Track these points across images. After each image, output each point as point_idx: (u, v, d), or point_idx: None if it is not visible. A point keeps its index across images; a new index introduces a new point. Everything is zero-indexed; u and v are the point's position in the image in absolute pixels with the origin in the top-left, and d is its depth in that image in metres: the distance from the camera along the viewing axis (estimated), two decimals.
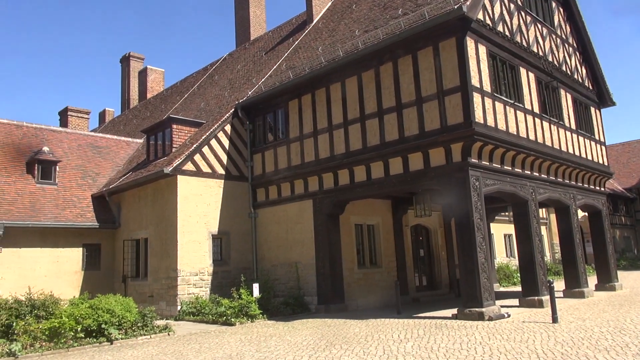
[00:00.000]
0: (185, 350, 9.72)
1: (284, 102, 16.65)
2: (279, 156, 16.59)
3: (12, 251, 16.52)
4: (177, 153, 16.76)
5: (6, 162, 18.14)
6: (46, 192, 18.04)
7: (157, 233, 16.56)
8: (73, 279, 17.68)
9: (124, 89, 35.88)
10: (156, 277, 16.31)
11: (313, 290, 15.15)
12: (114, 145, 22.26)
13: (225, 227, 16.62)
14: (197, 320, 14.31)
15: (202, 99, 23.18)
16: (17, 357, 9.68)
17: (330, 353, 8.49)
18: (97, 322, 11.18)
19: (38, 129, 20.53)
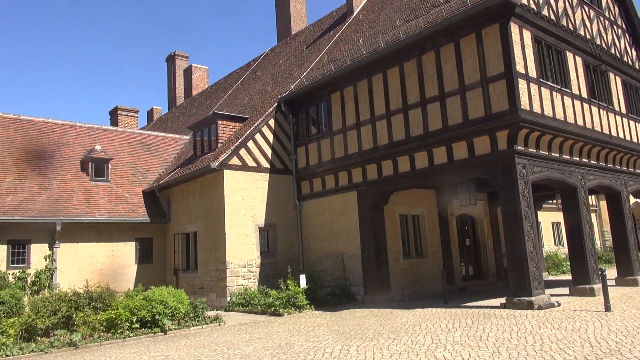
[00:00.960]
0: (236, 340, 10.02)
1: (326, 95, 16.73)
2: (323, 149, 16.71)
3: (70, 246, 17.42)
4: (223, 148, 17.17)
5: (62, 161, 19.09)
6: (100, 189, 18.87)
7: (205, 226, 17.05)
8: (127, 272, 18.46)
9: (171, 87, 36.91)
10: (206, 270, 16.82)
11: (359, 280, 15.24)
12: (162, 142, 22.99)
13: (271, 220, 16.93)
14: (246, 311, 14.68)
15: (245, 94, 23.57)
16: (78, 346, 10.24)
17: (378, 342, 8.56)
18: (151, 313, 11.65)
19: (90, 128, 21.46)
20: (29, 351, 9.80)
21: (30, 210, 16.51)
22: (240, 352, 8.69)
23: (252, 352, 8.60)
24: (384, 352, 7.79)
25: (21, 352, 9.72)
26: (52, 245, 16.92)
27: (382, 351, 7.85)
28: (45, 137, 19.63)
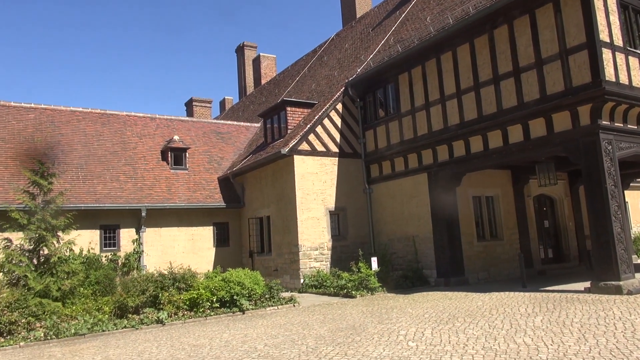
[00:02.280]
0: (310, 321, 10.28)
1: (393, 77, 16.50)
2: (391, 131, 16.54)
3: (154, 230, 18.56)
4: (293, 134, 17.47)
5: (144, 151, 20.28)
6: (179, 176, 19.88)
7: (278, 211, 17.52)
8: (206, 254, 19.41)
9: (240, 77, 37.90)
10: (279, 252, 17.32)
11: (432, 263, 15.06)
12: (234, 131, 23.77)
13: (341, 204, 17.08)
14: (319, 292, 14.99)
15: (312, 80, 23.75)
16: (164, 324, 10.95)
17: (453, 326, 8.46)
18: (230, 294, 12.21)
19: (169, 119, 22.59)
20: (122, 327, 10.62)
21: (119, 197, 17.75)
22: (315, 332, 8.92)
23: (327, 332, 8.80)
24: (460, 335, 7.69)
25: (115, 327, 10.56)
26: (138, 230, 18.13)
27: (458, 335, 7.75)
28: (129, 130, 20.91)
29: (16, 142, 17.99)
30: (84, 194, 17.25)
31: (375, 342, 7.66)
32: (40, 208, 12.42)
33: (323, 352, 7.20)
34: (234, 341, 8.56)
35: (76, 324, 10.39)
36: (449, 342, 7.31)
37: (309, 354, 7.15)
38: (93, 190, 17.57)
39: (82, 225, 15.72)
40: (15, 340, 9.58)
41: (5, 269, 11.89)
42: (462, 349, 6.79)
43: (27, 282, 11.51)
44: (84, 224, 16.07)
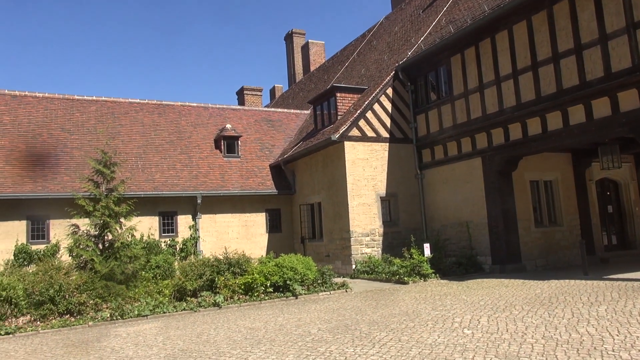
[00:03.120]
0: (363, 306, 10.30)
1: (445, 59, 16.07)
2: (444, 115, 16.17)
3: (209, 217, 19.11)
4: (343, 120, 17.41)
5: (199, 140, 20.83)
6: (232, 164, 20.32)
7: (329, 197, 17.58)
8: (259, 240, 19.81)
9: (290, 65, 38.07)
10: (331, 238, 17.42)
11: (486, 250, 14.70)
12: (284, 118, 23.98)
13: (392, 189, 16.93)
14: (371, 278, 14.99)
15: (362, 65, 23.52)
16: (221, 307, 11.29)
17: (510, 314, 8.24)
18: (283, 279, 12.41)
19: (221, 108, 23.07)
20: (181, 309, 11.05)
21: (176, 185, 18.38)
22: (368, 317, 8.93)
23: (380, 318, 8.79)
24: (518, 323, 7.48)
25: (175, 310, 11.00)
26: (194, 217, 18.73)
27: (516, 323, 7.54)
28: (184, 119, 21.52)
29: (80, 134, 18.94)
30: (143, 182, 17.97)
31: (429, 328, 7.59)
32: (104, 196, 13.06)
33: (377, 338, 7.21)
34: (288, 325, 8.72)
35: (139, 305, 10.90)
36: (506, 330, 7.13)
37: (362, 339, 7.18)
38: (151, 179, 18.26)
39: (142, 212, 16.42)
40: (85, 320, 10.18)
41: (74, 253, 12.62)
42: (521, 338, 6.61)
43: (94, 265, 12.17)
44: (143, 210, 16.76)
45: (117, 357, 7.09)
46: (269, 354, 6.67)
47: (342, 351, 6.59)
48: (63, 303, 10.48)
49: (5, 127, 18.04)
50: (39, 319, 10.23)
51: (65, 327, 9.80)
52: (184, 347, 7.44)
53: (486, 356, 5.89)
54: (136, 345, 7.82)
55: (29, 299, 10.48)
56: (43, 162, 17.31)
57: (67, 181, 16.81)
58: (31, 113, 18.96)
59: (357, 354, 6.38)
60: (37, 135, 18.20)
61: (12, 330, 9.46)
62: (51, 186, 16.58)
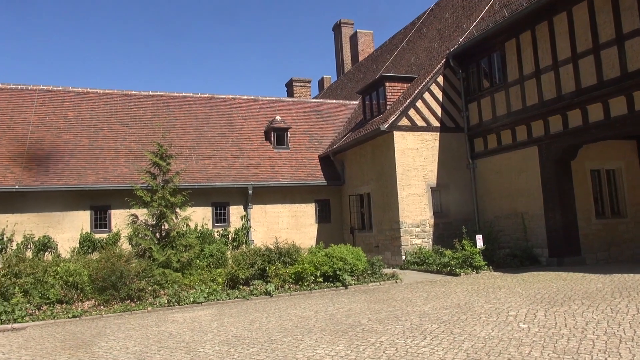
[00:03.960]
0: (413, 298, 10.21)
1: (499, 45, 15.52)
2: (497, 102, 15.66)
3: (260, 207, 19.45)
4: (392, 110, 17.21)
5: (249, 132, 21.19)
6: (282, 155, 20.56)
7: (378, 187, 17.48)
8: (308, 230, 19.98)
9: (338, 55, 37.95)
10: (380, 229, 17.33)
11: (543, 242, 14.18)
12: (333, 109, 23.97)
13: (443, 180, 16.62)
14: (421, 269, 14.82)
15: (411, 53, 23.11)
16: (272, 295, 11.50)
17: (569, 308, 7.94)
18: (333, 269, 12.48)
19: (271, 100, 23.35)
20: (234, 297, 11.35)
21: (227, 176, 18.82)
22: (418, 309, 8.85)
23: (431, 310, 8.69)
24: (577, 318, 7.19)
25: (228, 297, 11.31)
26: (246, 207, 19.13)
27: (575, 318, 7.25)
28: (234, 112, 21.95)
29: (138, 127, 19.71)
30: (197, 173, 18.51)
31: (482, 321, 7.43)
32: (161, 187, 13.56)
33: (428, 330, 7.14)
34: (338, 315, 8.78)
35: (194, 292, 11.28)
36: (565, 325, 6.87)
37: (413, 330, 7.12)
38: (205, 170, 18.78)
39: (196, 202, 16.92)
40: (144, 305, 10.65)
41: (133, 242, 13.21)
42: (581, 334, 6.36)
43: (152, 254, 12.70)
44: (197, 201, 17.27)
45: (174, 342, 7.38)
46: (319, 343, 6.75)
47: (392, 342, 6.57)
48: (124, 289, 11.00)
49: (70, 122, 19.03)
50: (102, 304, 10.80)
51: (127, 312, 10.29)
52: (237, 334, 7.64)
53: (543, 351, 5.71)
54: (192, 331, 8.11)
55: (93, 284, 11.07)
56: (104, 155, 18.16)
57: (126, 173, 17.56)
58: (93, 108, 19.89)
59: (407, 345, 6.34)
60: (98, 130, 19.09)
61: (79, 313, 10.04)
62: (112, 178, 17.38)
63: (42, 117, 18.87)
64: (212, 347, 6.91)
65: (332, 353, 6.20)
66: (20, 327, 9.26)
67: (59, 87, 20.29)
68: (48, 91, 19.97)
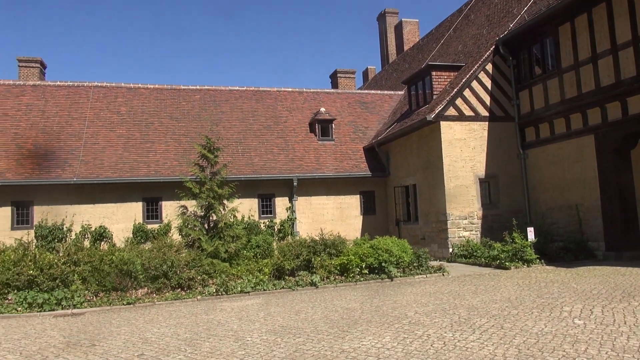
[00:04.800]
0: (461, 291, 10.01)
1: (552, 29, 14.86)
2: (550, 90, 15.03)
3: (305, 199, 19.57)
4: (438, 99, 16.86)
5: (294, 124, 21.31)
6: (326, 147, 20.57)
7: (424, 179, 17.20)
8: (353, 222, 19.94)
9: (382, 45, 37.48)
10: (426, 221, 17.07)
11: (599, 235, 13.56)
12: (378, 100, 23.73)
13: (492, 170, 16.16)
14: (469, 262, 14.51)
15: (459, 41, 22.51)
16: (317, 286, 11.56)
17: (629, 305, 7.55)
18: (378, 261, 12.42)
19: (315, 92, 23.37)
20: (280, 287, 11.49)
21: (273, 168, 19.03)
22: (467, 302, 8.67)
23: (480, 303, 8.49)
24: (637, 316, 6.84)
25: (274, 287, 11.46)
26: (291, 199, 19.30)
27: (636, 315, 6.89)
28: (279, 104, 22.12)
29: (186, 121, 20.21)
30: (243, 165, 18.81)
31: (534, 317, 7.18)
32: (209, 179, 13.87)
33: (477, 324, 6.97)
34: (384, 307, 8.72)
35: (241, 282, 11.50)
36: (624, 322, 6.54)
37: (461, 324, 6.98)
38: (251, 162, 19.06)
39: (243, 194, 17.20)
40: (194, 294, 10.96)
41: (183, 232, 13.60)
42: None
43: (201, 244, 13.03)
44: (244, 193, 17.56)
45: (223, 330, 7.55)
46: (365, 335, 6.73)
47: (440, 335, 6.46)
48: (175, 278, 11.35)
49: (123, 117, 19.74)
50: (154, 292, 11.19)
51: (177, 300, 10.62)
52: (284, 324, 7.73)
53: (601, 349, 5.46)
54: (240, 320, 8.27)
55: (146, 273, 11.47)
56: (155, 148, 18.74)
57: (175, 166, 18.07)
58: (144, 103, 20.55)
59: (456, 339, 6.22)
60: (149, 124, 19.71)
61: (133, 300, 10.44)
62: (162, 170, 17.93)
63: (97, 112, 19.67)
64: (259, 335, 7.02)
65: (378, 345, 6.17)
66: (79, 313, 9.74)
67: (112, 83, 21.08)
68: (102, 87, 20.78)
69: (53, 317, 9.37)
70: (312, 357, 5.79)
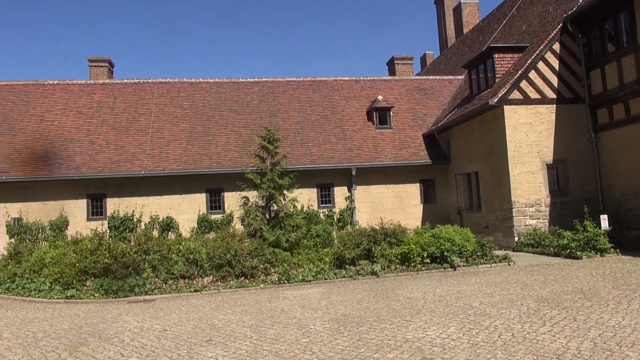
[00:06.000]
0: (529, 281, 9.64)
1: (627, 2, 13.84)
2: (625, 68, 14.05)
3: (364, 188, 19.48)
4: (501, 83, 16.20)
5: (351, 113, 21.21)
6: (384, 135, 20.34)
7: (487, 166, 16.65)
8: (413, 211, 19.66)
9: (441, 29, 36.47)
10: (490, 209, 16.54)
11: None
12: (437, 86, 23.15)
13: (560, 155, 15.38)
14: (536, 252, 13.95)
15: (522, 21, 21.47)
16: (378, 275, 11.51)
17: None
18: (440, 250, 12.19)
19: (372, 80, 23.12)
20: (340, 276, 11.54)
21: (331, 158, 19.07)
22: (535, 293, 8.34)
23: (549, 294, 8.15)
24: None
25: (335, 276, 11.52)
26: (350, 188, 19.29)
27: None
28: (336, 94, 22.08)
29: (246, 113, 20.62)
30: (302, 156, 18.97)
31: (610, 309, 6.80)
32: (269, 170, 14.10)
33: (547, 316, 6.69)
34: (448, 297, 8.56)
35: (302, 271, 11.65)
36: None
37: (530, 316, 6.73)
38: (309, 153, 19.19)
39: (302, 184, 17.37)
40: (257, 283, 11.22)
41: (245, 222, 13.94)
42: None
43: (262, 233, 13.31)
44: (303, 183, 17.73)
45: (286, 317, 7.69)
46: (429, 325, 6.63)
47: (508, 327, 6.26)
48: (238, 266, 11.67)
49: (185, 111, 20.43)
50: (219, 280, 11.56)
51: (241, 288, 10.92)
52: (346, 313, 7.76)
53: None
54: (302, 308, 8.39)
55: (211, 262, 11.87)
56: (217, 141, 19.28)
57: (236, 157, 18.51)
58: (205, 97, 21.16)
59: (525, 331, 6.00)
60: (210, 117, 20.29)
61: (199, 288, 10.85)
62: (224, 162, 18.42)
63: (161, 107, 20.47)
64: (322, 324, 7.09)
65: (442, 335, 6.07)
66: (150, 299, 10.24)
67: (175, 79, 21.84)
68: (166, 83, 21.58)
69: (127, 303, 9.91)
70: (376, 347, 5.78)
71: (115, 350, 6.29)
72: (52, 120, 19.50)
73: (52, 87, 20.88)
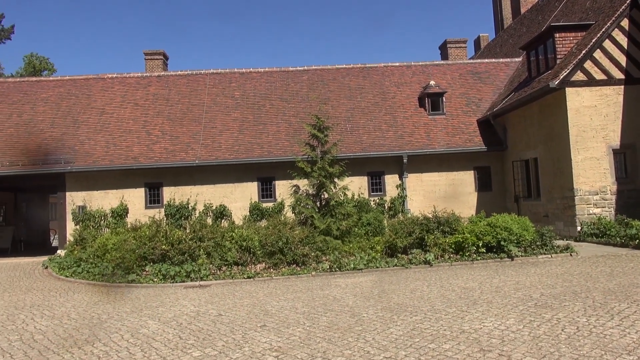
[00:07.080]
0: (593, 273, 9.14)
1: None
2: None
3: (416, 176, 19.11)
4: (563, 64, 15.36)
5: (403, 99, 20.80)
6: (437, 122, 19.82)
7: (546, 152, 15.89)
8: (467, 199, 19.10)
9: (496, 11, 35.03)
10: (550, 197, 15.81)
11: None
12: (492, 69, 22.28)
13: (629, 140, 14.46)
14: (601, 242, 13.22)
15: None
16: (431, 265, 11.26)
17: None
18: (496, 239, 11.77)
19: (424, 65, 22.55)
20: (392, 265, 11.38)
21: (382, 145, 18.80)
22: (601, 285, 7.88)
23: (617, 287, 7.67)
24: None
25: (387, 265, 11.37)
26: (401, 176, 18.97)
27: None
28: (387, 80, 21.70)
29: (295, 102, 20.65)
30: (352, 143, 18.81)
31: None
32: (319, 158, 14.06)
33: (615, 309, 6.30)
34: (506, 287, 8.24)
35: (354, 259, 11.57)
36: None
37: (596, 309, 6.35)
38: (359, 140, 19.00)
39: (353, 172, 17.22)
40: (308, 270, 11.26)
41: (296, 211, 14.00)
42: None
43: (313, 222, 13.32)
44: (353, 171, 17.57)
45: (339, 305, 7.64)
46: (486, 316, 6.40)
47: (572, 320, 5.93)
48: (290, 254, 11.74)
49: (237, 101, 20.71)
50: (271, 267, 11.68)
51: (293, 275, 10.99)
52: (399, 302, 7.63)
53: None
54: (354, 296, 8.32)
55: (263, 249, 12.01)
56: (267, 130, 19.45)
57: (287, 146, 18.60)
58: (255, 87, 21.36)
59: (591, 325, 5.67)
60: (261, 107, 20.47)
61: (252, 275, 11.00)
62: (275, 151, 18.57)
63: (213, 97, 20.85)
64: (375, 312, 7.00)
65: (501, 327, 5.83)
66: (206, 285, 10.49)
67: (226, 70, 22.15)
68: (217, 74, 21.94)
69: (184, 288, 10.19)
70: (431, 337, 5.63)
71: (174, 333, 6.46)
72: (111, 112, 20.29)
73: (111, 81, 21.71)
